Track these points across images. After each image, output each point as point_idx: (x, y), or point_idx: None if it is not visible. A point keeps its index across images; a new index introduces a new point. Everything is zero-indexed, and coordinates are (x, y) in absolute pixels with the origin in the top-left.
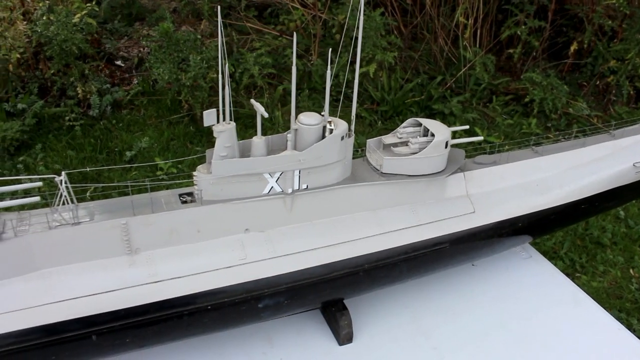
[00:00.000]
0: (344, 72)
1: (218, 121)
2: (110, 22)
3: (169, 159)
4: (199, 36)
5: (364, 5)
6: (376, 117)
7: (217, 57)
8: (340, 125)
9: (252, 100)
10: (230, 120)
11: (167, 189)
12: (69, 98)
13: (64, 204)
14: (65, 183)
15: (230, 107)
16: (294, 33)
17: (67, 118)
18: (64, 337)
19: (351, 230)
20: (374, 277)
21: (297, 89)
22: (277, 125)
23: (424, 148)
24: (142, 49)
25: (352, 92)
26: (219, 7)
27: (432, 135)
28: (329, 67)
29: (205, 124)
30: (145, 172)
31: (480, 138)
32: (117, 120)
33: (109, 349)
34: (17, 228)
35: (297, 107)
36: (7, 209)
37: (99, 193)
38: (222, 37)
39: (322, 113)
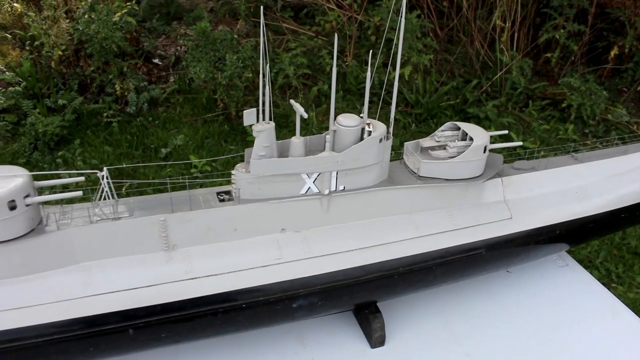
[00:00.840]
0: (378, 74)
1: (257, 121)
2: (148, 21)
3: (203, 157)
4: (235, 36)
5: (400, 7)
6: (410, 119)
7: (253, 56)
8: (378, 128)
9: (292, 101)
10: (270, 120)
11: (200, 187)
12: (108, 95)
13: (104, 198)
14: (107, 178)
15: (270, 107)
16: (335, 34)
17: (105, 114)
18: (102, 329)
19: (387, 233)
20: (408, 280)
21: (330, 90)
22: (311, 125)
23: (462, 152)
24: (179, 48)
25: (388, 94)
26: (261, 8)
27: (471, 139)
28: (369, 69)
29: (245, 123)
30: (180, 169)
31: (519, 143)
32: (153, 117)
33: (144, 343)
34: (60, 221)
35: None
36: (50, 202)
37: (134, 190)
38: (263, 37)
39: (361, 115)
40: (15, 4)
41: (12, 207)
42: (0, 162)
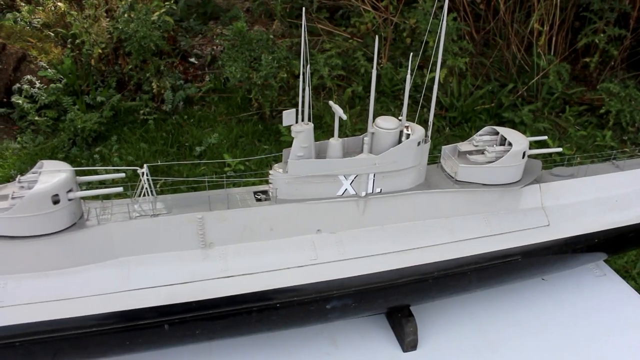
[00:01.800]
0: (413, 77)
1: (296, 121)
2: (185, 21)
3: (237, 156)
4: (271, 36)
5: (436, 9)
6: (444, 123)
7: (288, 57)
8: (417, 131)
9: (331, 102)
10: (309, 121)
11: (232, 186)
12: (144, 93)
13: (144, 195)
14: (147, 175)
15: (310, 108)
16: (375, 36)
17: (141, 112)
18: (139, 324)
19: (422, 236)
20: (442, 285)
21: (365, 92)
22: (344, 127)
23: (501, 157)
24: (215, 47)
25: (423, 97)
26: (303, 10)
27: (510, 144)
28: (409, 72)
29: (285, 123)
30: (214, 168)
31: (559, 149)
32: (188, 115)
33: (179, 339)
34: (100, 216)
35: (365, 109)
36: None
37: (168, 187)
38: (305, 38)
39: (400, 117)
40: (59, 3)
41: (56, 201)
42: (41, 156)
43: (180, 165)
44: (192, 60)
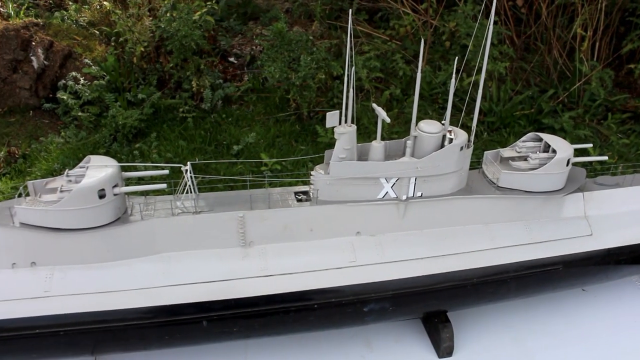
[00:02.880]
0: (450, 79)
1: (340, 123)
2: (226, 20)
3: (274, 156)
4: (310, 37)
5: (477, 13)
6: (482, 128)
7: (327, 58)
8: (460, 136)
9: (374, 105)
10: (352, 123)
11: (269, 186)
12: (184, 91)
13: (186, 192)
14: (190, 173)
15: (353, 110)
16: (422, 39)
17: (181, 110)
18: (178, 319)
19: (462, 242)
20: (481, 292)
21: (403, 95)
22: (382, 129)
23: (544, 164)
24: (254, 47)
25: (460, 100)
26: (350, 11)
27: (554, 151)
28: (453, 75)
29: (328, 125)
30: (250, 167)
31: (605, 158)
32: (226, 114)
33: (216, 336)
34: (144, 212)
35: (402, 112)
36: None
37: (205, 185)
38: (350, 41)
39: (443, 122)
40: (104, 2)
41: (102, 196)
42: (83, 151)
43: (218, 164)
44: (232, 59)
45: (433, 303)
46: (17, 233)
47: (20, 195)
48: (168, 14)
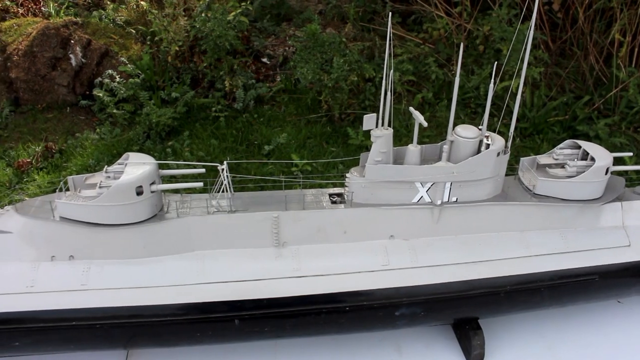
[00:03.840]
0: (485, 85)
1: (377, 126)
2: (259, 21)
3: (304, 157)
4: (343, 39)
5: (512, 17)
6: (515, 133)
7: (359, 60)
8: (497, 141)
9: (411, 108)
10: (389, 126)
11: (300, 187)
12: (217, 90)
13: (223, 191)
14: (226, 172)
15: (391, 113)
16: (461, 44)
17: (213, 109)
18: (211, 317)
19: (496, 249)
20: (514, 300)
21: (435, 99)
22: (412, 132)
23: (582, 172)
24: (287, 48)
25: (493, 105)
26: (389, 15)
27: (592, 159)
28: (492, 80)
29: (364, 127)
30: (281, 167)
31: None
32: (258, 114)
33: (247, 335)
34: (179, 210)
35: (434, 116)
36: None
37: (236, 185)
38: (390, 45)
39: (480, 127)
40: (141, 2)
41: (139, 193)
42: (117, 148)
43: (249, 163)
44: (265, 60)
45: (465, 309)
46: (57, 227)
47: (60, 190)
48: (203, 14)
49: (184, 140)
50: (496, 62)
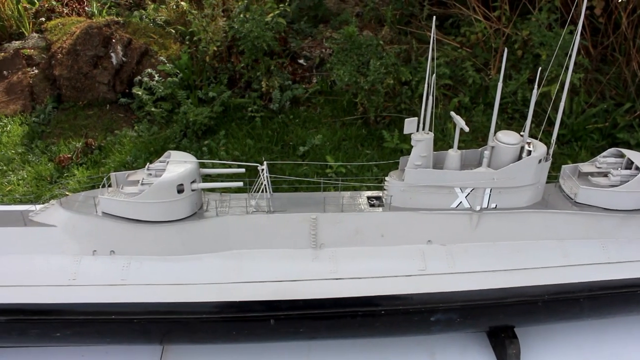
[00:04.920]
0: (522, 90)
1: (417, 130)
2: (297, 23)
3: (339, 159)
4: (380, 42)
5: (552, 22)
6: (551, 140)
7: (396, 64)
8: (539, 148)
9: (452, 113)
10: (430, 130)
11: (333, 189)
12: (254, 91)
13: (262, 191)
14: (266, 173)
15: (432, 117)
16: (504, 50)
17: (249, 109)
18: (247, 316)
19: (534, 257)
20: (552, 309)
21: (471, 103)
22: (448, 137)
23: (626, 181)
24: (324, 50)
25: (532, 112)
26: (434, 18)
27: (637, 168)
28: (535, 87)
29: (405, 131)
30: (315, 168)
31: None
32: (294, 115)
33: (282, 335)
34: (219, 209)
35: (470, 121)
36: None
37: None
38: (433, 46)
39: (522, 133)
40: (182, 2)
41: (180, 191)
42: (154, 145)
43: (283, 164)
44: (301, 61)
45: (501, 317)
46: (99, 222)
47: (103, 186)
48: (241, 15)
49: (219, 140)
50: (540, 68)
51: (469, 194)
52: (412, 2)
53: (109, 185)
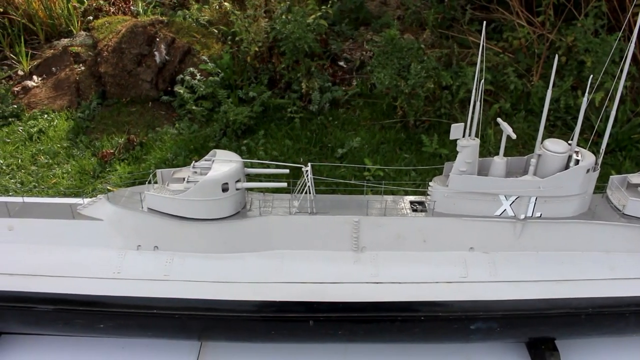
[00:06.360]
0: (565, 97)
1: (464, 136)
2: (338, 25)
3: (377, 162)
4: (422, 45)
5: (599, 27)
6: (595, 149)
7: (437, 68)
8: (587, 157)
9: (499, 120)
10: (476, 136)
11: (371, 192)
12: (293, 92)
13: (304, 193)
14: (310, 174)
15: (479, 123)
16: (556, 56)
17: (289, 110)
18: (287, 316)
19: (579, 268)
20: (595, 323)
21: (512, 109)
22: (487, 143)
23: None
24: (364, 53)
25: (573, 119)
26: (484, 24)
27: None
28: (586, 94)
29: (452, 136)
30: (353, 171)
31: None
32: (333, 117)
33: (320, 337)
34: (262, 208)
35: (513, 128)
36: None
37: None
38: (483, 52)
39: (569, 142)
40: (225, 3)
41: (225, 189)
42: (194, 143)
43: (321, 165)
44: (341, 63)
45: (542, 329)
46: (144, 217)
47: (149, 182)
48: (283, 17)
49: (258, 139)
50: (591, 76)
51: (513, 201)
52: (454, 6)
53: (155, 182)
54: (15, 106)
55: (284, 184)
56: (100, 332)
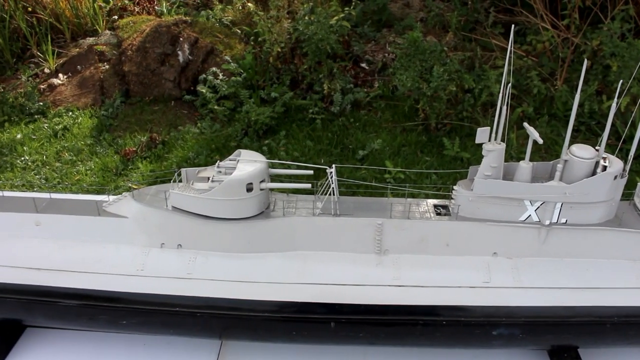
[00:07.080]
0: (589, 102)
1: (489, 140)
2: (360, 26)
3: (398, 164)
4: (445, 48)
5: (625, 31)
6: (620, 155)
7: (459, 70)
8: (615, 164)
9: (526, 124)
10: (502, 141)
11: (391, 195)
12: (315, 93)
13: (328, 194)
14: (334, 176)
15: (506, 128)
16: (585, 60)
17: (310, 111)
18: (308, 317)
19: (605, 276)
20: (621, 333)
21: (535, 114)
22: (510, 147)
23: None
24: (386, 55)
25: (597, 124)
26: (512, 27)
27: None
28: (615, 99)
29: (477, 140)
30: (374, 173)
31: None
32: (354, 119)
33: (341, 339)
34: (285, 209)
35: None
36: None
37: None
38: (510, 54)
39: (597, 147)
40: (248, 4)
41: (249, 189)
42: (215, 143)
43: (342, 167)
44: (363, 65)
45: (566, 336)
46: (168, 215)
47: (174, 181)
48: (306, 18)
49: (280, 140)
50: (621, 82)
51: (538, 207)
52: (477, 8)
53: (180, 181)
54: (41, 103)
55: (308, 185)
56: (122, 328)
